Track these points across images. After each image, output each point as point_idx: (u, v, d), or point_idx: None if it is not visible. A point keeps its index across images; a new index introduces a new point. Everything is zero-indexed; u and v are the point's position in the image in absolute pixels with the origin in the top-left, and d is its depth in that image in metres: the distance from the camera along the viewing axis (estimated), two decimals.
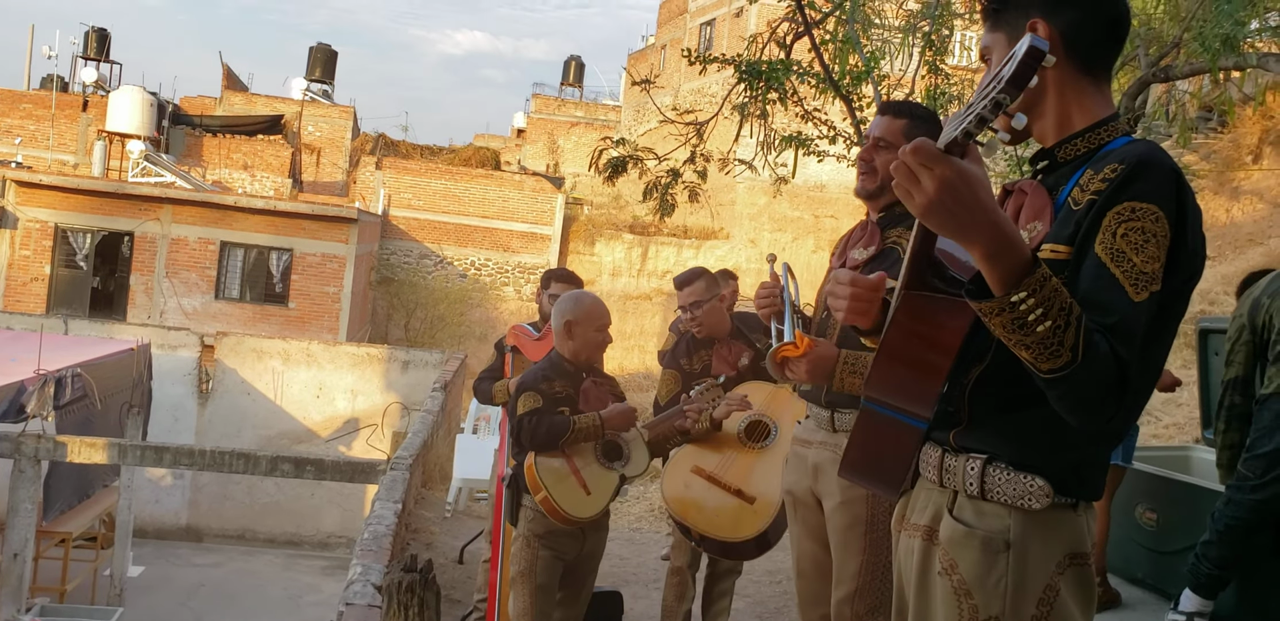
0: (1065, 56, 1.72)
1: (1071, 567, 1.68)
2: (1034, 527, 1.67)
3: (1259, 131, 12.98)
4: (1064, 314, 1.45)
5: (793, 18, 6.66)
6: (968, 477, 1.72)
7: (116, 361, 11.16)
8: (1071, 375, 1.48)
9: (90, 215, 19.54)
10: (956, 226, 1.44)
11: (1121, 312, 1.53)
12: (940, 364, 1.65)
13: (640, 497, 10.15)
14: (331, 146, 30.02)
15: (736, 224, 26.74)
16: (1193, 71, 6.96)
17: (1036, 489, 1.66)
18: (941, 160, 1.40)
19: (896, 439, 1.73)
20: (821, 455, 2.79)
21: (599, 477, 3.52)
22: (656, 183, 7.23)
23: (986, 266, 1.46)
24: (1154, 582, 4.60)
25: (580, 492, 3.49)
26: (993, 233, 1.43)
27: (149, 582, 12.09)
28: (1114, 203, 1.59)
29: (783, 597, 5.80)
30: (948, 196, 1.41)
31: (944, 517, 1.75)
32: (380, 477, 7.27)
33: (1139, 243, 1.56)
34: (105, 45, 31.09)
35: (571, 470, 3.50)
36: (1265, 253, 11.43)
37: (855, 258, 2.79)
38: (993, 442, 1.71)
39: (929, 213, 1.44)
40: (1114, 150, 1.68)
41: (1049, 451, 1.67)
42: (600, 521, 3.66)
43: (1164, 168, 1.61)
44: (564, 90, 40.51)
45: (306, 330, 19.41)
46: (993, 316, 1.48)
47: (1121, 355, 1.50)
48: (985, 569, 1.68)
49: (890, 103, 2.94)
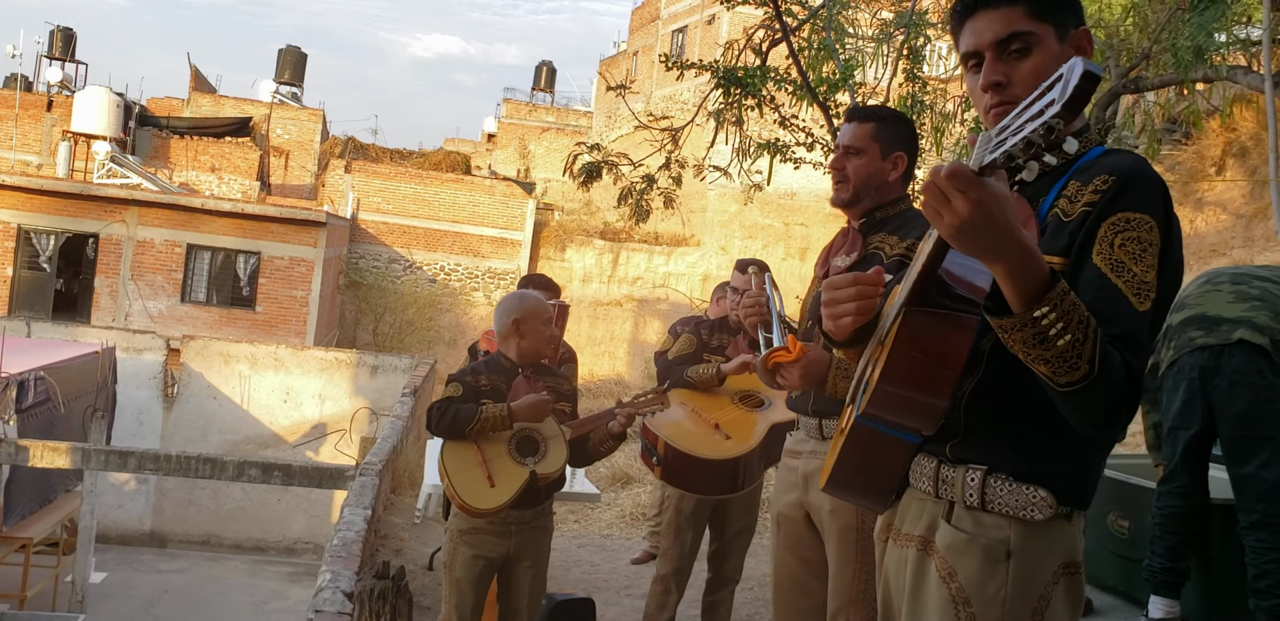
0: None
1: (1065, 577, 1.69)
2: (1035, 537, 1.67)
3: (1222, 143, 13.14)
4: (1083, 327, 1.45)
5: (770, 25, 6.68)
6: (967, 489, 1.72)
7: (80, 364, 11.03)
8: (1089, 387, 1.48)
9: (54, 216, 19.30)
10: (985, 246, 1.42)
11: (1128, 323, 1.55)
12: (947, 379, 1.63)
13: (611, 504, 10.11)
14: (300, 149, 29.82)
15: (707, 231, 26.77)
16: (1163, 83, 7.04)
17: (1040, 500, 1.66)
18: (977, 184, 1.38)
19: (889, 454, 1.73)
20: (811, 464, 2.77)
21: (507, 471, 3.50)
22: (632, 188, 7.22)
23: (1009, 282, 1.45)
24: (1125, 590, 4.63)
25: (484, 484, 3.47)
26: (1019, 250, 1.42)
27: (112, 589, 11.93)
28: (1109, 213, 1.60)
29: (755, 604, 5.79)
30: (981, 219, 1.39)
31: (940, 527, 1.74)
32: (349, 483, 7.20)
33: (1137, 253, 1.57)
34: (71, 45, 30.75)
35: (480, 461, 3.50)
36: (1228, 263, 11.57)
37: (838, 265, 2.78)
38: (993, 453, 1.70)
39: (959, 234, 1.42)
40: (1094, 161, 1.68)
41: (1053, 461, 1.67)
42: (535, 523, 3.64)
43: (1154, 179, 1.63)
44: (535, 95, 40.48)
45: (274, 334, 19.25)
46: (1013, 332, 1.47)
47: (1132, 365, 1.52)
48: (986, 577, 1.67)
49: (856, 108, 2.94)
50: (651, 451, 3.79)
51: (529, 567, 3.65)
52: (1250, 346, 3.79)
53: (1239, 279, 4.04)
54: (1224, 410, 3.84)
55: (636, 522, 8.98)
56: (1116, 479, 4.68)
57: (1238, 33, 7.59)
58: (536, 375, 3.70)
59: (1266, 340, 3.79)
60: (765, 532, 7.38)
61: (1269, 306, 3.87)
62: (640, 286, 26.33)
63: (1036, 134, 1.34)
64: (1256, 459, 3.78)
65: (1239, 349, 3.80)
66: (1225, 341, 3.83)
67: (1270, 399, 3.79)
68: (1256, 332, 3.80)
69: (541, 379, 3.70)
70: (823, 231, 26.06)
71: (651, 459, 3.84)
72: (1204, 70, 6.52)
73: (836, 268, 2.79)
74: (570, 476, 5.59)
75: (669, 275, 26.39)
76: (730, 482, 3.74)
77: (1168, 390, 4.03)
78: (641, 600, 5.08)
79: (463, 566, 3.58)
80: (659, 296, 26.01)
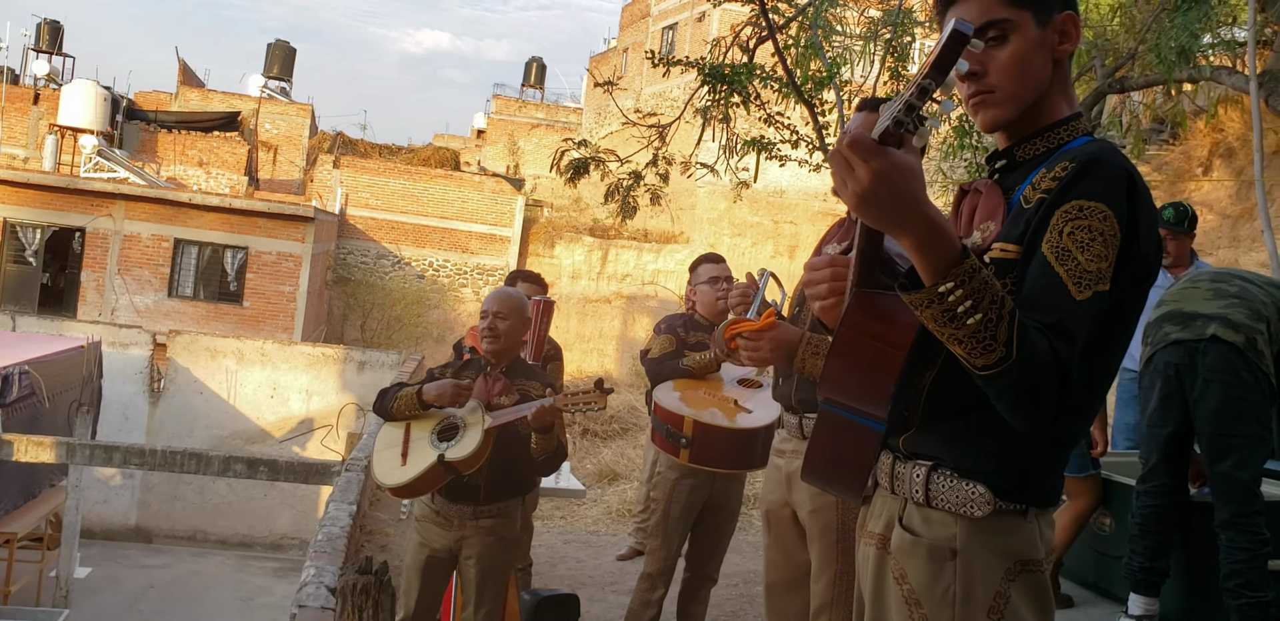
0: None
1: (1023, 574, 1.66)
2: (980, 535, 1.65)
3: (1209, 144, 13.20)
4: (995, 307, 1.43)
5: (756, 22, 6.69)
6: (914, 485, 1.71)
7: (66, 359, 10.99)
8: (1006, 372, 1.45)
9: (41, 210, 19.21)
10: (888, 217, 1.43)
11: (1061, 312, 1.51)
12: (892, 361, 1.63)
13: (598, 500, 10.13)
14: (289, 144, 29.73)
15: (696, 228, 26.79)
16: (1148, 83, 7.07)
17: (978, 496, 1.65)
18: (877, 152, 1.39)
19: (856, 442, 1.72)
20: (793, 464, 2.77)
21: (420, 452, 3.55)
22: (619, 185, 7.23)
23: (917, 257, 1.45)
24: (1108, 587, 4.66)
25: (396, 461, 3.55)
26: (923, 223, 1.42)
27: (96, 584, 11.90)
28: (1062, 201, 1.57)
29: (739, 600, 5.81)
30: (881, 187, 1.39)
31: (895, 526, 1.74)
32: (335, 479, 7.20)
33: (1084, 241, 1.54)
34: (58, 38, 30.60)
35: (403, 440, 3.58)
36: (1214, 263, 11.62)
37: (828, 253, 2.81)
38: (939, 448, 1.70)
39: (862, 203, 1.42)
40: (1071, 149, 1.66)
41: (993, 457, 1.65)
42: (482, 524, 3.62)
43: (1115, 166, 1.59)
44: (525, 91, 40.41)
45: (261, 329, 19.20)
46: (923, 309, 1.46)
47: (1061, 353, 1.48)
48: (933, 577, 1.66)
49: (868, 99, 2.92)
50: (676, 435, 3.73)
51: (474, 564, 3.63)
52: (1224, 344, 3.80)
53: (1219, 277, 4.05)
54: (1199, 408, 3.86)
55: (622, 519, 8.99)
56: (1100, 476, 4.70)
57: (1223, 34, 7.62)
58: (509, 373, 3.67)
59: (1241, 337, 3.79)
60: (750, 529, 7.40)
61: (1246, 305, 3.87)
62: (629, 283, 26.34)
63: (912, 96, 1.37)
64: (1230, 458, 3.79)
65: (1213, 346, 3.80)
66: (1199, 337, 3.83)
67: (1244, 396, 3.79)
68: (1230, 330, 3.80)
69: (513, 377, 3.67)
70: (811, 229, 26.10)
71: (678, 442, 3.77)
72: (1189, 71, 6.55)
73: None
74: (556, 472, 5.62)
75: (658, 272, 26.41)
76: (753, 457, 3.74)
77: (1144, 388, 4.04)
78: (627, 596, 5.08)
79: (410, 553, 3.69)
80: (648, 293, 26.03)
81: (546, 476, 3.89)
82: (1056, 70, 1.72)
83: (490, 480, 3.61)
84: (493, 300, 3.68)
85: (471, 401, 3.56)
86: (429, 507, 3.69)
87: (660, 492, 4.29)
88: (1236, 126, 11.96)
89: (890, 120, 1.40)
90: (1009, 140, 1.75)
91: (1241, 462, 3.78)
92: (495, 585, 3.69)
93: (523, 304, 3.78)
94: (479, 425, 3.51)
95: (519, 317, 3.70)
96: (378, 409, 3.69)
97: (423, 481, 3.50)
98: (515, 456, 3.59)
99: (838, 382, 1.71)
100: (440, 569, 3.70)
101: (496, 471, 3.61)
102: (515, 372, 3.71)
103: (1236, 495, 3.78)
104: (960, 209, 1.79)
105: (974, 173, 7.35)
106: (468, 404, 3.56)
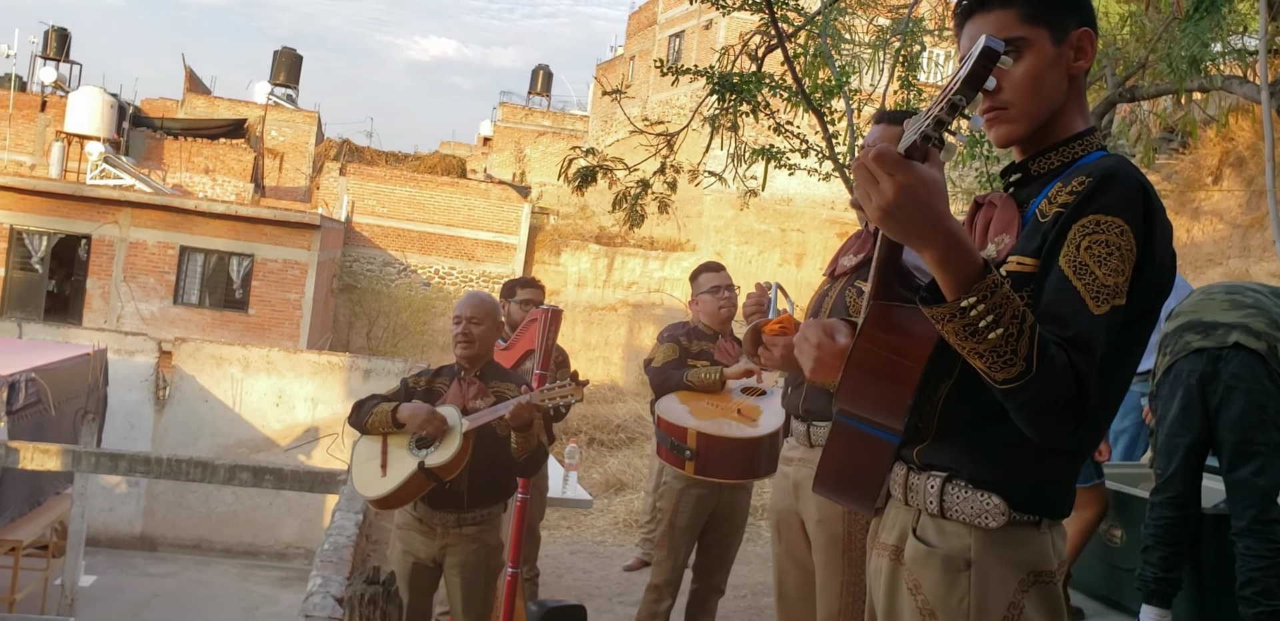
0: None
1: (1036, 586, 1.66)
2: (994, 546, 1.66)
3: (1219, 153, 13.18)
4: (1016, 322, 1.45)
5: (765, 31, 6.67)
6: (928, 496, 1.71)
7: (71, 366, 10.99)
8: (1027, 386, 1.46)
9: (47, 217, 19.25)
10: (911, 231, 1.44)
11: (1080, 326, 1.52)
12: (910, 374, 1.64)
13: (604, 510, 10.09)
14: (295, 151, 29.81)
15: (703, 236, 26.79)
16: (1158, 92, 7.05)
17: (993, 507, 1.65)
18: (903, 166, 1.40)
19: (870, 453, 1.73)
20: (801, 472, 2.77)
21: (399, 461, 3.52)
22: (626, 193, 7.21)
23: (939, 272, 1.46)
24: (1119, 599, 4.62)
25: (377, 473, 3.53)
26: (946, 237, 1.43)
27: (101, 592, 11.88)
28: (1079, 215, 1.58)
29: (747, 612, 5.77)
30: (906, 201, 1.41)
31: (909, 537, 1.74)
32: (341, 487, 7.18)
33: (1102, 256, 1.55)
34: (65, 45, 30.72)
35: (381, 451, 3.56)
36: (1224, 272, 11.59)
37: (845, 265, 2.82)
38: (953, 460, 1.70)
39: (886, 217, 1.44)
40: (1086, 164, 1.67)
41: (1008, 468, 1.66)
42: (464, 531, 3.60)
43: (1131, 181, 1.60)
44: (531, 99, 40.48)
45: (267, 337, 19.20)
46: (945, 323, 1.47)
47: (1080, 368, 1.49)
48: (947, 588, 1.67)
49: (886, 111, 2.95)
50: (680, 447, 3.75)
51: (457, 573, 3.62)
52: (1247, 351, 3.80)
53: (1233, 289, 4.06)
54: (1221, 415, 3.84)
55: (629, 529, 8.95)
56: (1110, 488, 4.67)
57: (1234, 42, 7.60)
58: (483, 377, 3.65)
59: (1263, 345, 3.80)
60: (758, 540, 7.37)
61: (1264, 314, 3.88)
62: (635, 291, 26.34)
63: (942, 111, 1.38)
64: (1250, 464, 3.78)
65: (1236, 353, 3.80)
66: (1222, 345, 3.83)
67: (1265, 405, 3.79)
68: (1252, 337, 3.81)
69: (488, 381, 3.64)
70: (819, 237, 26.10)
71: (683, 454, 3.78)
72: (1199, 80, 6.53)
73: (843, 267, 2.83)
74: (563, 482, 5.58)
75: (664, 280, 26.41)
76: (756, 467, 3.75)
77: (1163, 397, 4.02)
78: (634, 607, 5.05)
79: (395, 562, 3.67)
80: (654, 301, 26.02)
81: (529, 477, 3.83)
82: (1071, 86, 1.73)
83: (473, 485, 3.59)
84: (465, 305, 3.66)
85: (448, 406, 3.55)
86: (412, 515, 3.67)
87: (666, 503, 4.28)
88: (1247, 136, 11.94)
89: (918, 135, 1.41)
90: (1024, 154, 1.77)
91: (1261, 470, 3.76)
92: (482, 592, 3.68)
93: (495, 308, 3.76)
94: (457, 429, 3.48)
95: (492, 322, 3.70)
96: (353, 422, 3.65)
97: (405, 491, 3.48)
98: (496, 459, 3.57)
99: (855, 394, 1.72)
100: (426, 576, 3.69)
101: (478, 476, 3.59)
102: (490, 376, 3.69)
103: (1255, 502, 3.76)
104: (974, 221, 1.81)
105: (984, 182, 7.33)
106: (445, 408, 3.53)
